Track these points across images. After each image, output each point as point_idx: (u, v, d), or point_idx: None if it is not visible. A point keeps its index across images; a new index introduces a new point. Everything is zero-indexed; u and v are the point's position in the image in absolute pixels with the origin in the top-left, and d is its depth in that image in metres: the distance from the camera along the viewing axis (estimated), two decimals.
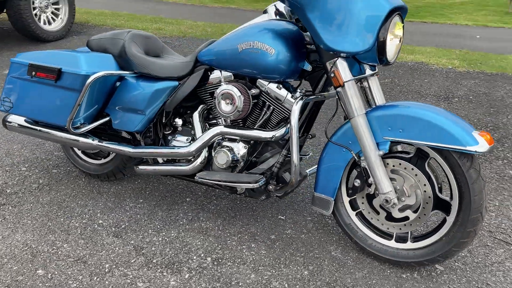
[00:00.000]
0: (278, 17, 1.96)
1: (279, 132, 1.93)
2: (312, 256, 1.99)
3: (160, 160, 2.24)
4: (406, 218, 1.82)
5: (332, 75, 1.75)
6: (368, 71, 1.85)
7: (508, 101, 3.78)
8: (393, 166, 1.81)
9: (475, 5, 14.28)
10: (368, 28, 1.63)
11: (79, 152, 2.61)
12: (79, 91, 2.11)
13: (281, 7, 1.97)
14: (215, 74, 2.05)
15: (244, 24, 2.00)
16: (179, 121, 2.24)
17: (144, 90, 2.15)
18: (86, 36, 6.25)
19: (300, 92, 1.92)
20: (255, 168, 1.98)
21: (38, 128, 2.39)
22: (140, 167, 2.24)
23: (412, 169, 1.77)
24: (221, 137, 2.03)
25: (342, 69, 1.74)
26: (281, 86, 1.91)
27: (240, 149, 2.01)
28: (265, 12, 1.99)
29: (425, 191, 1.76)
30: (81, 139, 2.27)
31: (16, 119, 2.47)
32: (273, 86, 1.91)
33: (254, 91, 1.94)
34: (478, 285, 1.81)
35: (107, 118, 2.29)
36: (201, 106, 2.15)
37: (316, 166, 2.01)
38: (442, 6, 11.90)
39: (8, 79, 2.31)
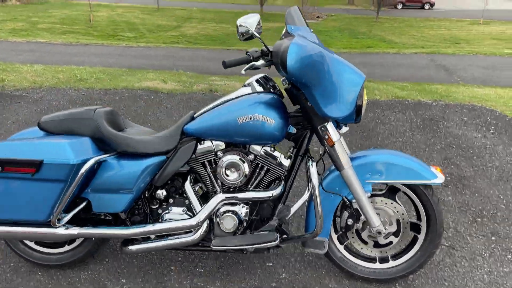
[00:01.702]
0: (260, 88, 2.17)
1: (276, 191, 2.15)
2: None
3: (152, 236, 2.20)
4: (390, 243, 2.26)
5: (326, 137, 2.08)
6: (344, 128, 2.23)
7: (370, 125, 4.68)
8: (376, 203, 2.22)
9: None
10: (351, 97, 2.01)
11: (31, 244, 2.32)
12: (65, 181, 1.95)
13: (261, 79, 2.20)
14: (206, 144, 2.15)
15: (228, 97, 2.15)
16: (161, 193, 2.24)
17: (132, 168, 2.10)
18: None
19: (290, 153, 2.20)
20: (267, 225, 2.15)
21: None
22: (132, 247, 2.16)
23: (392, 203, 2.22)
24: (223, 203, 2.14)
25: (332, 131, 2.08)
26: (273, 149, 2.15)
27: (244, 211, 2.16)
28: (247, 85, 2.18)
29: (403, 218, 2.23)
30: (58, 231, 2.08)
31: None
32: (267, 150, 2.13)
33: (251, 156, 2.13)
34: (440, 282, 2.35)
35: (84, 203, 2.15)
36: (189, 176, 2.21)
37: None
38: None
39: None
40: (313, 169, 2.06)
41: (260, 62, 2.02)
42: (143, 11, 25.37)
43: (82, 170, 1.95)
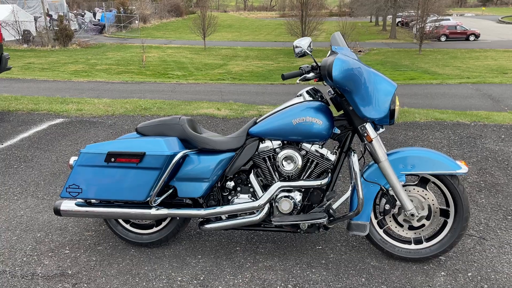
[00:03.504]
0: (310, 98, 2.70)
1: (324, 180, 2.63)
2: (360, 268, 2.67)
3: (223, 217, 2.72)
4: (423, 225, 2.66)
5: (365, 134, 2.55)
6: (381, 129, 2.70)
7: (409, 142, 5.06)
8: (409, 191, 2.65)
9: None
10: (385, 102, 2.49)
11: (127, 226, 2.89)
12: (160, 168, 2.53)
13: (311, 90, 2.73)
14: (266, 143, 2.67)
15: (284, 105, 2.69)
16: (230, 184, 2.77)
17: (209, 162, 2.66)
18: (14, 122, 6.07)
19: (335, 150, 2.68)
20: (318, 207, 2.63)
21: (96, 209, 2.69)
22: (208, 225, 2.69)
23: (423, 191, 2.63)
24: (280, 190, 2.64)
25: (370, 130, 2.56)
26: (321, 146, 2.64)
27: (298, 196, 2.64)
28: (299, 95, 2.72)
29: (433, 204, 2.63)
30: (152, 211, 2.64)
31: (69, 205, 2.71)
32: (316, 147, 2.63)
33: (303, 152, 2.63)
34: (470, 263, 2.69)
35: (171, 190, 2.71)
36: (253, 169, 2.74)
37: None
38: None
39: (76, 168, 2.59)
40: (354, 159, 2.54)
41: (311, 74, 2.56)
42: (191, 51, 27.00)
43: (174, 160, 2.52)
